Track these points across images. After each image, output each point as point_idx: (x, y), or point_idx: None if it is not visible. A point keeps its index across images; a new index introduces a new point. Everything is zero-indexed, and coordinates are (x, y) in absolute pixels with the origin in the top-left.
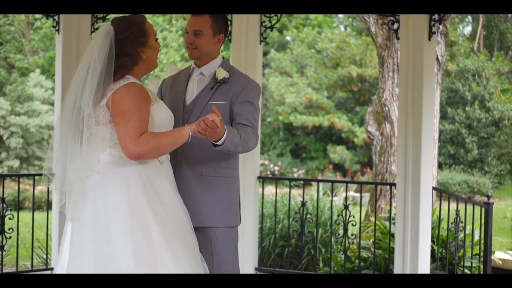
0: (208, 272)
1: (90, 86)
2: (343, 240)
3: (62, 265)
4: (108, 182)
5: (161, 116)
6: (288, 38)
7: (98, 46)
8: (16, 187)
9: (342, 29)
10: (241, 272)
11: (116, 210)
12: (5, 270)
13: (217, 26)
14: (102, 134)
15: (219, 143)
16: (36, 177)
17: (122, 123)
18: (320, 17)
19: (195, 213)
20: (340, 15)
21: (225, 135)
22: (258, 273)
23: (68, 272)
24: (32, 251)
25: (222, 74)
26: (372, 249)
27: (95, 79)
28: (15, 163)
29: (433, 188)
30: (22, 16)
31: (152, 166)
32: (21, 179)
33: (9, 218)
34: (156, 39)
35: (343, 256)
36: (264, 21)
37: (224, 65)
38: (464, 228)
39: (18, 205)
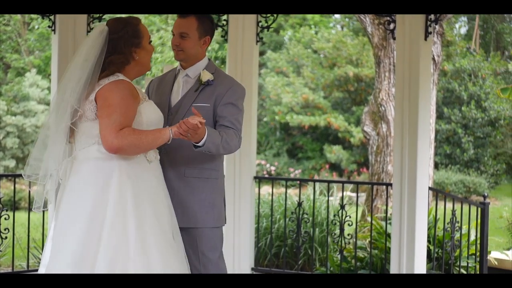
0: (190, 272)
1: (79, 82)
2: (340, 240)
3: (44, 264)
4: (94, 178)
5: (150, 115)
6: (286, 39)
7: (90, 44)
8: (12, 187)
9: (339, 29)
10: (237, 272)
11: (100, 206)
12: (1, 271)
13: (203, 29)
14: (90, 129)
15: (199, 144)
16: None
17: (105, 115)
18: (317, 17)
19: (179, 213)
20: (337, 15)
21: (205, 136)
22: (254, 273)
23: (48, 265)
24: (28, 251)
25: (206, 76)
26: (369, 249)
27: (84, 76)
28: (11, 163)
29: (429, 188)
30: (18, 16)
31: (140, 164)
32: (17, 179)
33: (5, 219)
34: (150, 42)
35: (339, 256)
36: (261, 21)
37: (209, 67)
38: (460, 228)
39: (14, 205)
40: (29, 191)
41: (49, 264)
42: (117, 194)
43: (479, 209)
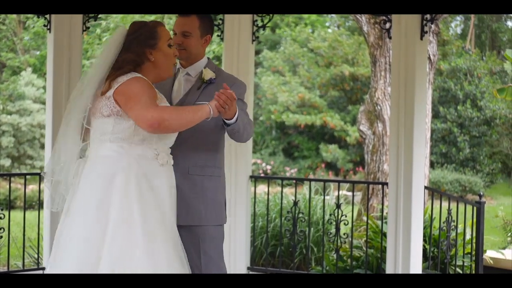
0: (191, 272)
1: (94, 80)
2: (335, 239)
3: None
4: (104, 176)
5: None
6: (284, 40)
7: (109, 44)
8: (8, 186)
9: (335, 28)
10: (233, 272)
11: (107, 205)
12: None
13: (205, 27)
14: (104, 126)
15: (232, 120)
16: (28, 176)
17: (134, 104)
18: (313, 16)
19: (182, 211)
20: (333, 14)
21: (237, 111)
22: (250, 272)
23: (53, 261)
24: (24, 250)
25: (208, 74)
26: (364, 248)
27: (100, 74)
28: (7, 162)
29: (425, 187)
30: (14, 15)
31: (151, 166)
32: (12, 178)
33: (1, 218)
34: (170, 45)
35: (335, 256)
36: (256, 20)
37: (209, 66)
38: (456, 227)
39: (9, 205)
40: (25, 191)
41: (54, 259)
42: (122, 191)
43: (475, 208)
